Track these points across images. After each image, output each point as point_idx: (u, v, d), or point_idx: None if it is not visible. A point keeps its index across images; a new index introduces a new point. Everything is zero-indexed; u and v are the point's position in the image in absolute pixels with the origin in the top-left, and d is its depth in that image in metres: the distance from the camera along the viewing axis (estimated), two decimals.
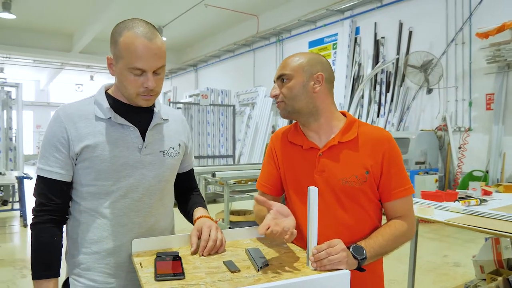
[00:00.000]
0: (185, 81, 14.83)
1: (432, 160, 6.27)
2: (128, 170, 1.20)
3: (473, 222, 2.11)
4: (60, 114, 1.18)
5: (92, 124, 1.18)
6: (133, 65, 1.12)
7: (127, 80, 1.15)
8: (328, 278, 0.96)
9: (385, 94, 7.32)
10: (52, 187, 1.17)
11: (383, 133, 1.25)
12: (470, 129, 6.17)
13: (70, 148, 1.16)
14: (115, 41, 1.15)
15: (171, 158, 1.29)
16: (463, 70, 6.25)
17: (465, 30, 6.20)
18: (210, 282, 0.94)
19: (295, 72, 1.24)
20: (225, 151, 8.33)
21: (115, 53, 1.15)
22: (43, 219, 1.16)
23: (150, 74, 1.14)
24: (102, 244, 1.19)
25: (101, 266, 1.19)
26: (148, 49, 1.12)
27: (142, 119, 1.24)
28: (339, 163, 1.22)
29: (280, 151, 1.36)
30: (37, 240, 1.15)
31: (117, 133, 1.19)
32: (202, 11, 10.02)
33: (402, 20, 7.15)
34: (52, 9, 10.21)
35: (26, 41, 12.16)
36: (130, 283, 1.21)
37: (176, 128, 1.34)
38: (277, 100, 1.28)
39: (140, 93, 1.16)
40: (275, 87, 1.28)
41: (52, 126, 1.18)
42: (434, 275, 3.68)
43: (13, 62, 14.75)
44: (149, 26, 1.15)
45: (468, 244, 4.69)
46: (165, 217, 1.31)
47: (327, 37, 8.80)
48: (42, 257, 1.15)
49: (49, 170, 1.16)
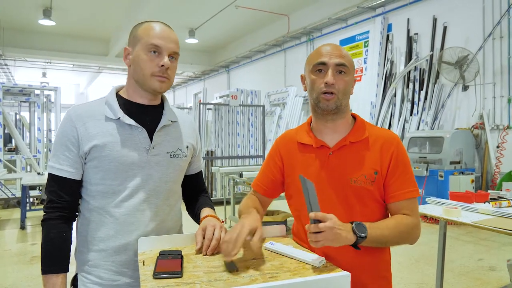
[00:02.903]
0: (217, 82, 15.01)
1: (468, 160, 6.01)
2: (135, 170, 1.22)
3: (503, 225, 2.01)
4: (71, 114, 1.22)
5: (101, 124, 1.21)
6: (150, 42, 1.19)
7: (143, 60, 1.19)
8: (326, 280, 0.94)
9: (418, 92, 7.09)
10: (62, 184, 1.20)
11: (392, 135, 1.25)
12: (509, 127, 5.86)
13: (80, 147, 1.19)
14: (134, 31, 1.24)
15: (178, 159, 1.31)
16: (501, 65, 5.95)
17: (503, 24, 5.90)
18: (206, 281, 0.95)
19: (351, 69, 1.23)
20: (254, 151, 8.35)
21: (133, 41, 1.23)
22: (53, 216, 1.19)
23: (166, 54, 1.20)
24: (109, 242, 1.22)
25: (107, 264, 1.22)
26: (165, 31, 1.22)
27: (151, 120, 1.26)
28: (348, 163, 1.22)
29: (287, 153, 1.35)
30: (47, 236, 1.19)
31: (126, 133, 1.22)
32: (233, 13, 10.10)
33: (436, 15, 6.90)
34: (90, 16, 10.63)
35: (66, 47, 12.75)
36: (135, 280, 1.23)
37: (184, 130, 1.36)
38: (328, 90, 1.19)
39: (155, 73, 1.20)
40: (333, 74, 1.18)
41: (63, 125, 1.22)
42: (467, 279, 3.53)
43: (54, 66, 15.46)
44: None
45: (505, 247, 4.46)
46: (172, 217, 1.33)
47: (358, 35, 8.63)
48: (51, 253, 1.18)
49: (59, 168, 1.20)
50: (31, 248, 4.86)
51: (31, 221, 6.36)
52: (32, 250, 4.72)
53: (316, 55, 1.22)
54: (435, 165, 5.85)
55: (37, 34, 12.09)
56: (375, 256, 1.22)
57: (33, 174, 6.85)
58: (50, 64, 14.88)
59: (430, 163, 5.94)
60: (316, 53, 1.23)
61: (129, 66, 1.25)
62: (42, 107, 8.18)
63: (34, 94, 8.26)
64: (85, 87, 21.50)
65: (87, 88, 21.59)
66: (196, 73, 16.29)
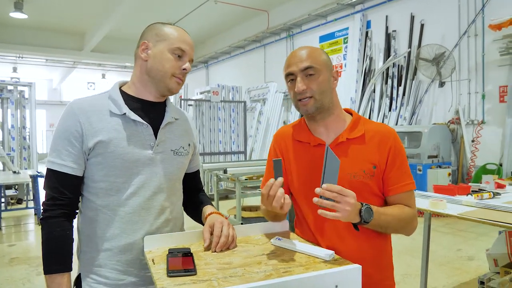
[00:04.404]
0: (196, 78, 14.87)
1: (445, 154, 6.20)
2: (140, 167, 1.21)
3: (487, 216, 2.09)
4: (74, 107, 1.18)
5: (106, 119, 1.18)
6: (178, 45, 1.21)
7: (167, 59, 1.20)
8: (339, 273, 0.96)
9: (397, 88, 7.25)
10: (64, 181, 1.16)
11: (388, 129, 1.28)
12: (483, 122, 6.08)
13: (84, 142, 1.16)
14: (157, 29, 1.23)
15: (182, 157, 1.31)
16: (476, 62, 6.15)
17: (477, 22, 6.10)
18: (222, 277, 0.96)
19: (322, 67, 1.23)
20: (236, 147, 8.35)
21: (156, 38, 1.22)
22: (56, 213, 1.16)
23: (187, 59, 1.24)
24: (114, 241, 1.20)
25: (112, 263, 1.20)
26: (189, 38, 1.26)
27: (154, 117, 1.25)
28: (347, 159, 1.24)
29: (286, 150, 1.36)
30: (49, 234, 1.15)
31: (131, 129, 1.20)
32: (212, 8, 10.03)
33: (414, 13, 7.05)
34: (64, 8, 10.32)
35: (38, 41, 12.34)
36: (141, 279, 1.23)
37: (186, 127, 1.36)
38: (303, 96, 1.21)
39: (176, 74, 1.22)
40: (301, 81, 1.21)
41: (65, 119, 1.18)
42: (448, 269, 3.66)
43: (26, 61, 14.96)
44: None
45: (482, 237, 4.64)
46: (175, 214, 1.33)
47: (338, 31, 8.73)
48: (55, 251, 1.15)
49: (62, 163, 1.16)
50: (8, 249, 4.72)
51: (6, 222, 6.16)
52: (10, 252, 4.59)
53: (286, 65, 1.26)
54: (413, 159, 6.01)
55: (8, 27, 11.63)
56: (378, 248, 1.25)
57: (8, 173, 6.63)
58: (22, 58, 14.38)
59: (409, 157, 6.10)
60: (286, 63, 1.27)
61: (144, 61, 1.22)
62: (15, 103, 7.92)
63: (7, 90, 7.98)
64: (59, 83, 20.89)
65: (61, 83, 20.99)
66: None
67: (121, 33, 11.86)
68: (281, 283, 0.90)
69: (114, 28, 10.88)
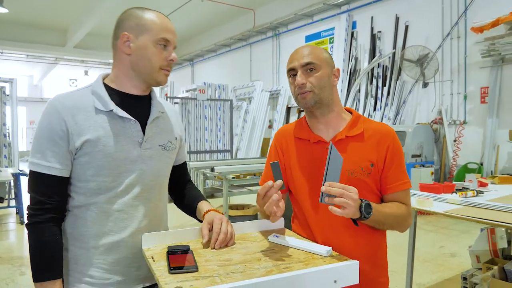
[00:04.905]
0: (181, 76, 14.79)
1: (428, 153, 6.34)
2: (129, 165, 1.17)
3: (472, 213, 2.16)
4: (57, 105, 1.11)
5: (92, 116, 1.13)
6: (162, 36, 1.15)
7: (152, 52, 1.15)
8: (337, 268, 0.99)
9: (381, 88, 7.36)
10: (51, 183, 1.11)
11: (388, 128, 1.31)
12: (465, 122, 6.23)
13: (70, 142, 1.10)
14: (136, 18, 1.16)
15: (169, 152, 1.28)
16: (458, 64, 6.30)
17: (460, 25, 6.24)
18: (224, 274, 0.97)
19: (323, 63, 1.28)
20: (222, 145, 8.34)
21: (137, 28, 1.15)
22: (44, 218, 1.10)
23: (172, 48, 1.19)
24: (101, 240, 1.16)
25: (98, 262, 1.17)
26: (171, 24, 1.19)
27: (140, 111, 1.21)
28: (346, 156, 1.26)
29: (285, 147, 1.39)
30: (39, 240, 1.09)
31: (118, 126, 1.15)
32: (198, 5, 9.99)
33: (399, 15, 7.17)
34: (46, 3, 10.13)
35: (19, 36, 12.08)
36: (128, 278, 1.20)
37: (172, 121, 1.32)
38: (303, 90, 1.26)
39: (164, 66, 1.17)
40: (301, 75, 1.26)
41: (48, 118, 1.11)
42: (431, 265, 3.75)
43: (6, 57, 14.63)
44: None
45: (463, 235, 4.77)
46: (162, 211, 1.31)
47: (324, 31, 8.81)
48: (46, 258, 1.09)
49: (47, 165, 1.10)
50: None
51: None
52: None
53: (288, 61, 1.32)
54: None
55: None
56: (373, 245, 1.29)
57: None
58: (2, 54, 14.04)
59: None
60: (288, 59, 1.33)
61: (127, 54, 1.16)
62: None
63: None
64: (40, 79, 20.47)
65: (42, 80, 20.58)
66: None
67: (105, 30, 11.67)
68: (283, 278, 0.92)
69: (97, 24, 10.72)
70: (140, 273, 1.22)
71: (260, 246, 1.19)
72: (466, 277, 2.98)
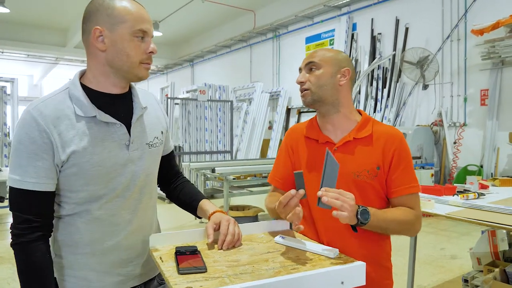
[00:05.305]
0: (181, 76, 14.80)
1: (428, 155, 6.35)
2: (118, 170, 1.12)
3: (474, 215, 2.16)
4: (35, 116, 1.03)
5: (74, 125, 1.05)
6: (139, 27, 1.06)
7: (130, 46, 1.06)
8: (344, 270, 1.00)
9: (381, 90, 7.38)
10: (36, 200, 1.04)
11: (396, 132, 1.32)
12: (465, 125, 6.25)
13: (55, 155, 1.04)
14: (107, 8, 1.05)
15: (156, 148, 1.24)
16: (458, 66, 6.32)
17: (460, 27, 6.26)
18: (232, 274, 0.98)
19: (324, 62, 1.30)
20: (222, 146, 8.35)
21: (109, 21, 1.05)
22: (33, 237, 1.04)
23: (150, 38, 1.10)
24: (95, 245, 1.14)
25: (95, 265, 1.15)
26: (146, 13, 1.10)
27: (123, 111, 1.15)
28: (352, 158, 1.27)
29: (295, 146, 1.40)
30: (29, 261, 1.04)
31: (103, 131, 1.09)
32: (199, 6, 10.00)
33: (399, 17, 7.19)
34: (47, 3, 10.13)
35: (20, 36, 12.07)
36: (125, 277, 1.20)
37: (155, 114, 1.26)
38: (302, 87, 1.32)
39: (143, 60, 1.09)
40: (302, 74, 1.32)
41: (26, 130, 1.02)
42: (432, 267, 3.76)
43: (6, 56, 14.60)
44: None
45: (464, 237, 4.78)
46: (153, 208, 1.30)
47: (324, 33, 8.83)
48: (39, 279, 1.05)
49: (31, 181, 1.03)
50: None
51: None
52: None
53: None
54: None
55: None
56: (377, 248, 1.30)
57: None
58: (2, 54, 14.03)
59: None
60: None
61: (102, 51, 1.07)
62: None
63: None
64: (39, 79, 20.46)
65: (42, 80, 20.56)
66: (159, 66, 15.97)
67: None
68: (291, 279, 0.93)
69: None
70: (135, 272, 1.23)
71: (267, 247, 1.20)
72: (467, 279, 2.99)
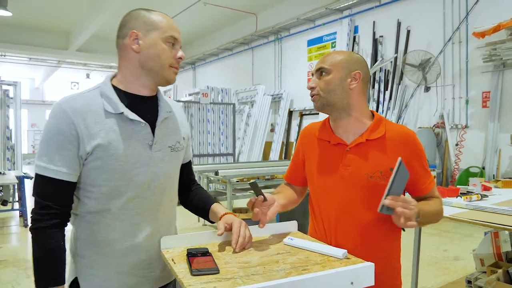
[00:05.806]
0: (183, 79, 14.83)
1: (430, 157, 6.36)
2: (140, 168, 1.16)
3: (478, 217, 2.18)
4: (66, 108, 1.09)
5: (102, 120, 1.11)
6: (170, 33, 1.17)
7: (162, 49, 1.15)
8: (354, 270, 1.02)
9: (383, 92, 7.40)
10: (58, 188, 1.09)
11: (409, 131, 1.33)
12: (466, 127, 6.27)
13: (80, 146, 1.09)
14: (144, 17, 1.17)
15: (178, 152, 1.28)
16: (460, 68, 6.34)
17: (462, 30, 6.29)
18: (244, 276, 1.00)
19: (333, 67, 1.30)
20: (225, 149, 8.38)
21: (145, 27, 1.15)
22: (49, 224, 1.08)
23: (179, 46, 1.21)
24: (116, 245, 1.17)
25: (114, 265, 1.18)
26: (176, 26, 1.22)
27: (149, 113, 1.20)
28: (365, 159, 1.28)
29: (307, 147, 1.43)
30: (44, 247, 1.08)
31: (128, 129, 1.14)
32: (201, 9, 10.03)
33: (400, 19, 7.22)
34: (49, 6, 10.18)
35: (22, 39, 12.10)
36: (145, 279, 1.22)
37: (180, 120, 1.32)
38: (312, 93, 1.34)
39: (173, 64, 1.18)
40: (313, 79, 1.35)
41: (57, 120, 1.08)
42: (435, 269, 3.77)
43: (8, 60, 14.67)
44: None
45: (467, 238, 4.79)
46: (173, 212, 1.33)
47: (326, 35, 8.85)
48: (50, 265, 1.08)
49: (55, 169, 1.08)
50: None
51: None
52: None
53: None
54: None
55: None
56: (388, 248, 1.31)
57: None
58: (4, 57, 14.09)
59: None
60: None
61: (136, 52, 1.15)
62: (0, 102, 7.78)
63: None
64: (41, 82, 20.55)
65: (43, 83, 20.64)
66: None
67: (108, 33, 11.73)
68: (302, 280, 0.95)
69: (100, 27, 10.77)
70: (155, 274, 1.25)
71: (277, 248, 1.22)
72: (470, 280, 3.01)
